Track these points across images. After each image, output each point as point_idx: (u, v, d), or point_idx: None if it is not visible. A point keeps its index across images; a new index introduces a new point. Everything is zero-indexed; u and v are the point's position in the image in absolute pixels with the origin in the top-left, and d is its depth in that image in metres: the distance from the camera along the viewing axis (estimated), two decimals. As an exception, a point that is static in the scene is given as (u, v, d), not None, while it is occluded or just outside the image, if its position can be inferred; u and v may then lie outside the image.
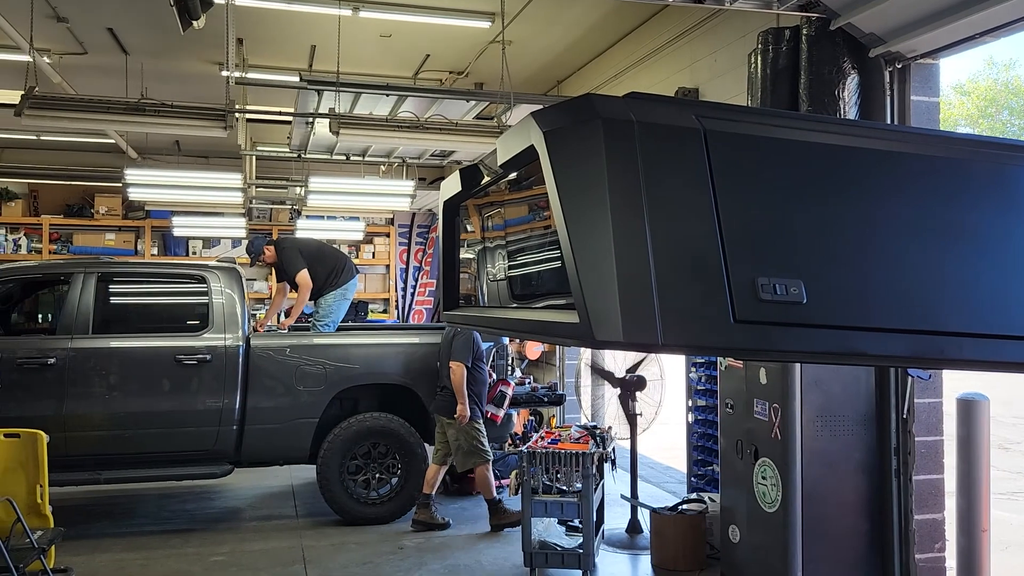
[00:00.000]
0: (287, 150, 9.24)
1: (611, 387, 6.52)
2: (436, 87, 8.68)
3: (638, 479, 6.40)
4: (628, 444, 6.40)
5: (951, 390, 4.53)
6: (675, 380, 6.68)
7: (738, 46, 5.90)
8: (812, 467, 4.66)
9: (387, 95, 6.83)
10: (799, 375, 4.63)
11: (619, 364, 6.45)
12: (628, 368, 6.38)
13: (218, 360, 6.26)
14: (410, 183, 8.43)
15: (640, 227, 1.18)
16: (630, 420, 6.33)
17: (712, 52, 6.37)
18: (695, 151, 1.24)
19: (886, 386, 4.81)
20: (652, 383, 6.34)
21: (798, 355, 1.34)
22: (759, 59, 5.13)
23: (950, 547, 4.55)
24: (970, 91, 24.24)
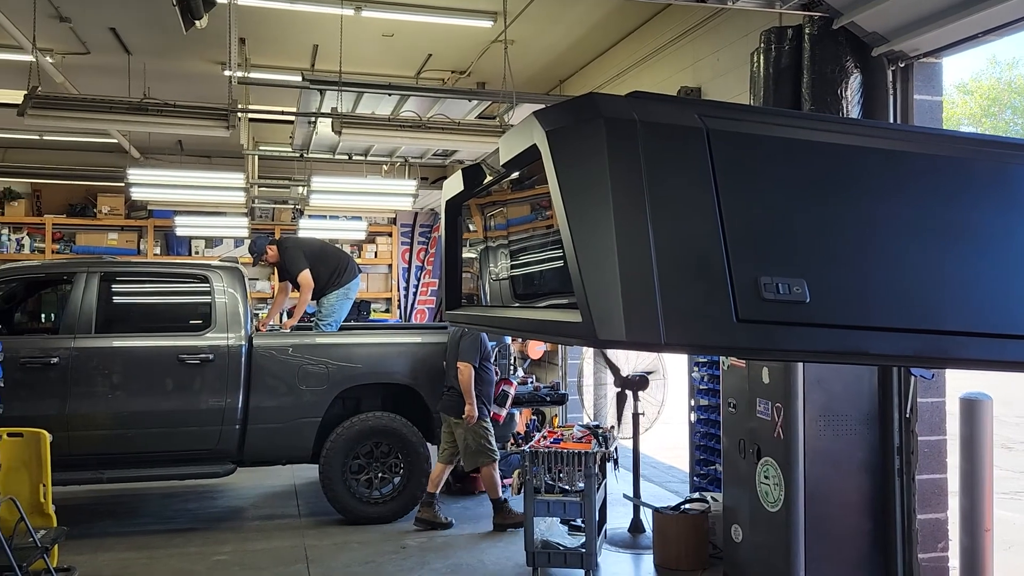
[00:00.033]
0: (289, 150, 9.24)
1: (613, 386, 6.50)
2: (438, 87, 8.68)
3: (640, 478, 6.39)
4: (630, 443, 6.40)
5: (954, 389, 4.53)
6: (677, 379, 6.68)
7: (741, 45, 5.89)
8: (815, 466, 4.65)
9: (389, 95, 6.83)
10: (802, 374, 4.62)
11: (631, 365, 6.42)
12: (638, 373, 6.34)
13: (221, 360, 6.26)
14: (412, 183, 8.43)
15: (643, 226, 1.17)
16: (633, 418, 6.32)
17: (715, 51, 6.36)
18: (698, 150, 1.24)
19: (889, 385, 4.80)
20: (654, 382, 6.33)
21: (801, 354, 1.34)
22: (762, 58, 5.12)
23: (953, 547, 4.55)
24: (973, 90, 24.20)
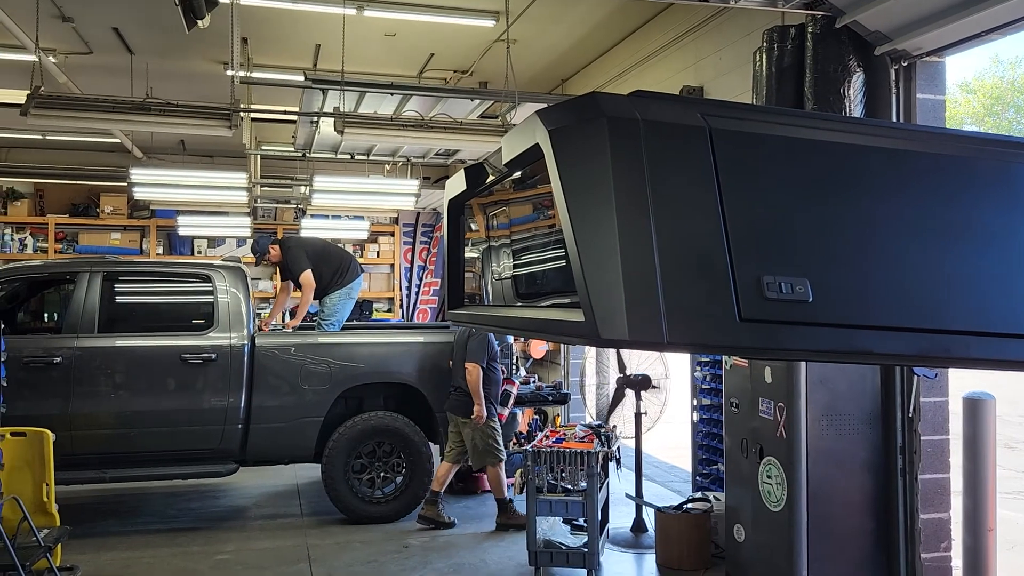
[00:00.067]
0: (292, 149, 9.25)
1: (614, 384, 6.50)
2: (440, 86, 8.68)
3: (643, 478, 6.39)
4: (633, 443, 6.40)
5: (957, 389, 4.52)
6: (680, 379, 6.67)
7: (743, 44, 5.88)
8: (817, 466, 4.65)
9: (392, 94, 6.83)
10: (804, 374, 4.62)
11: (631, 366, 6.42)
12: (618, 365, 6.35)
13: (223, 359, 6.27)
14: (414, 182, 8.42)
15: (645, 225, 1.17)
16: (635, 418, 6.32)
17: (717, 50, 6.35)
18: (700, 149, 1.24)
19: (892, 385, 4.79)
20: (657, 382, 6.33)
21: (804, 354, 1.34)
22: (764, 57, 5.12)
23: (956, 546, 4.54)
24: (976, 89, 24.15)
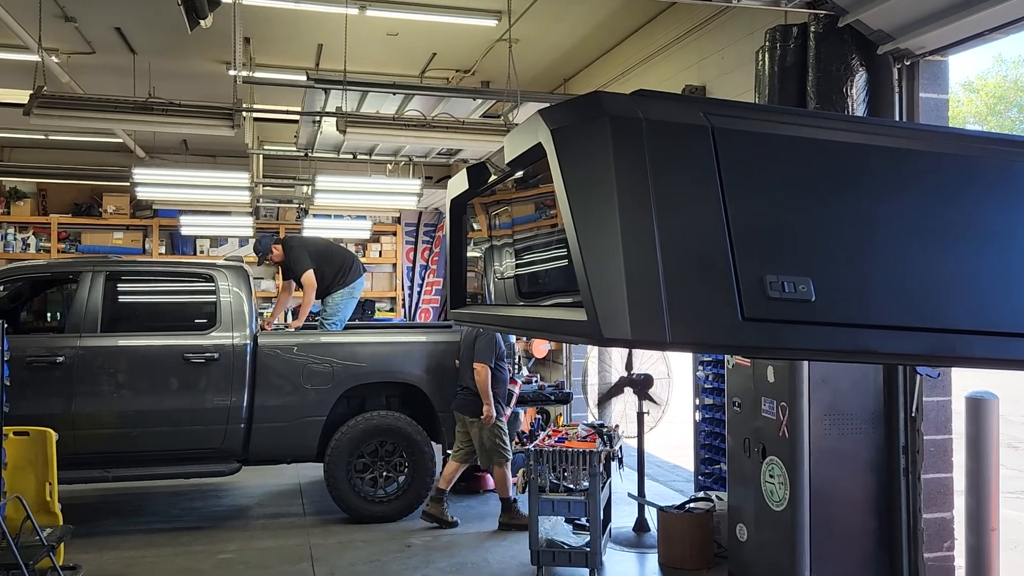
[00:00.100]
0: (294, 149, 9.25)
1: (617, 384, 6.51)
2: (443, 85, 8.68)
3: (645, 477, 6.39)
4: (635, 442, 6.40)
5: (960, 388, 4.51)
6: (682, 378, 6.67)
7: (746, 43, 5.88)
8: (820, 465, 4.64)
9: (394, 94, 6.83)
10: (807, 373, 4.61)
11: (635, 365, 6.42)
12: (626, 364, 6.35)
13: (226, 358, 6.28)
14: (417, 182, 8.43)
15: (648, 225, 1.17)
16: (638, 417, 6.33)
17: (719, 49, 6.35)
18: (703, 148, 1.24)
19: (894, 384, 4.79)
20: (659, 381, 6.32)
21: (806, 353, 1.33)
22: (767, 56, 5.11)
23: (959, 546, 4.54)
24: (979, 88, 24.11)
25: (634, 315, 1.15)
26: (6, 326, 5.05)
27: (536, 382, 8.07)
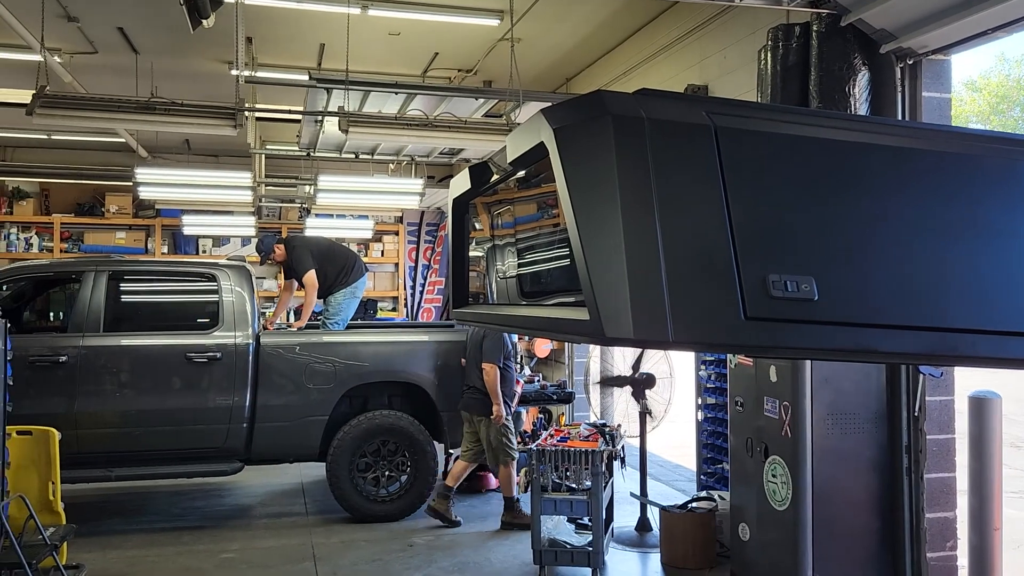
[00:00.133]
0: (296, 148, 9.26)
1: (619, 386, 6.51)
2: (445, 85, 8.68)
3: (647, 477, 6.39)
4: (638, 442, 6.39)
5: (963, 388, 4.50)
6: (685, 378, 6.67)
7: (748, 43, 5.87)
8: (823, 465, 4.64)
9: (396, 93, 6.83)
10: (810, 373, 4.61)
11: (628, 362, 6.44)
12: (632, 364, 6.36)
13: (228, 358, 6.28)
14: (419, 181, 8.43)
15: (650, 224, 1.17)
16: (640, 417, 6.32)
17: (722, 49, 6.34)
18: (706, 147, 1.23)
19: (897, 384, 4.78)
20: (661, 381, 6.32)
21: (809, 352, 1.33)
22: (769, 56, 5.11)
23: (962, 545, 4.53)
24: (982, 87, 24.06)
25: (636, 314, 1.15)
26: (9, 326, 5.06)
27: (538, 382, 8.07)
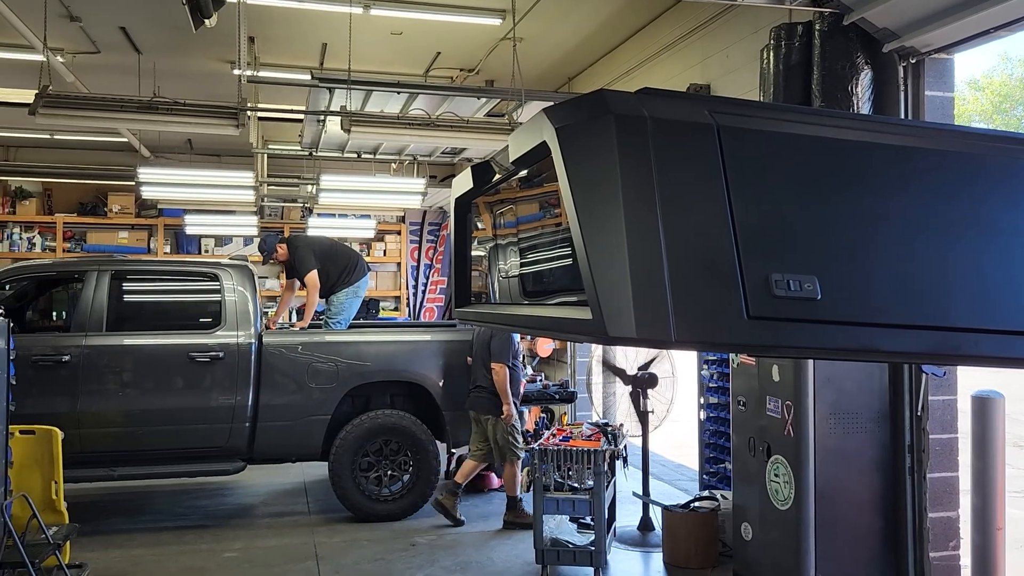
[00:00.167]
0: (299, 148, 9.26)
1: (622, 384, 6.51)
2: (447, 84, 8.68)
3: (650, 477, 6.39)
4: (640, 441, 6.39)
5: (966, 387, 4.50)
6: (687, 377, 6.67)
7: (750, 42, 5.87)
8: (825, 464, 4.63)
9: (398, 93, 6.83)
10: (812, 372, 4.60)
11: (631, 362, 6.44)
12: (640, 366, 6.37)
13: (231, 357, 6.29)
14: (421, 181, 8.43)
15: (653, 223, 1.17)
16: (641, 417, 6.32)
17: (724, 48, 6.34)
18: (708, 147, 1.23)
19: (900, 383, 4.78)
20: (664, 380, 6.32)
21: (812, 351, 1.33)
22: (771, 55, 5.10)
23: (964, 545, 4.53)
24: (984, 86, 24.02)
25: (639, 313, 1.14)
26: (12, 325, 5.07)
27: (540, 381, 8.07)
